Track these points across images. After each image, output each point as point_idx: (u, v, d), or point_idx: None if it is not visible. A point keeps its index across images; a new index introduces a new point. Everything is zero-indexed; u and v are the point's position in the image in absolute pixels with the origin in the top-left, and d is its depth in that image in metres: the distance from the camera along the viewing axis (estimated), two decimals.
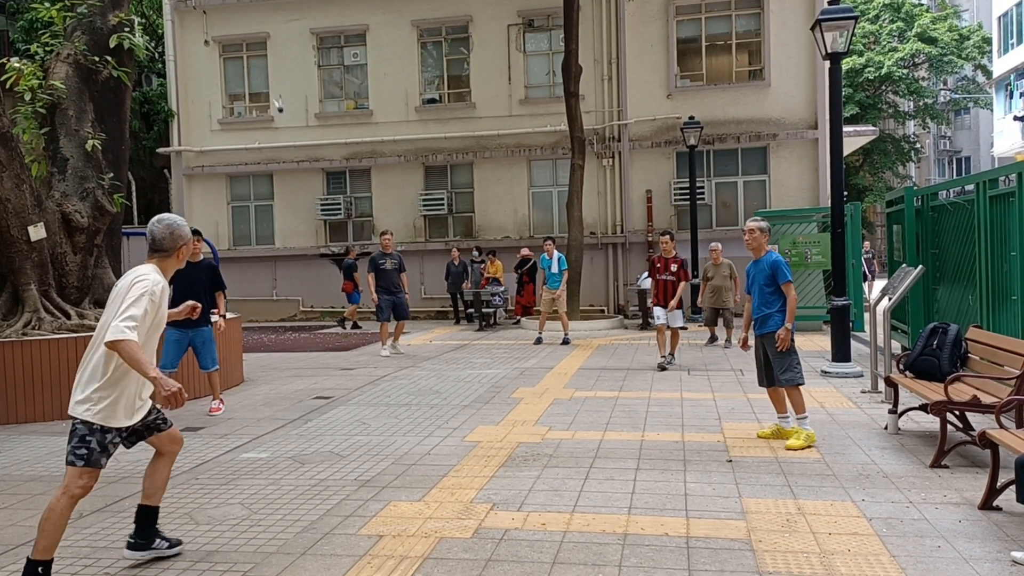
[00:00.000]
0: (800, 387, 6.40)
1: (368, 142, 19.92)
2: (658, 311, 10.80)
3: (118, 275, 10.25)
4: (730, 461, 5.93)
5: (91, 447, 3.85)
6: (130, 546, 4.24)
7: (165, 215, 4.21)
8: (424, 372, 10.77)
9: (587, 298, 17.99)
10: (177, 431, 4.34)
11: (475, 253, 18.19)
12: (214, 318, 8.40)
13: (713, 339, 13.10)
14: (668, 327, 10.73)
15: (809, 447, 6.21)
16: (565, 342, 13.62)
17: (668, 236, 10.94)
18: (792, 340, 6.38)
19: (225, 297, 8.65)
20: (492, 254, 18.03)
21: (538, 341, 13.84)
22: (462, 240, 19.42)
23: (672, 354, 10.81)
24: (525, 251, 17.72)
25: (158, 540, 4.27)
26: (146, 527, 4.25)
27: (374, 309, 12.71)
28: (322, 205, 19.94)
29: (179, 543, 4.36)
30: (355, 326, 17.52)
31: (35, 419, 8.10)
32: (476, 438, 6.86)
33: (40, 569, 3.80)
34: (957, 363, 6.45)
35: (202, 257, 8.58)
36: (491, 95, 19.38)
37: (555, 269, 13.93)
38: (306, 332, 17.00)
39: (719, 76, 18.75)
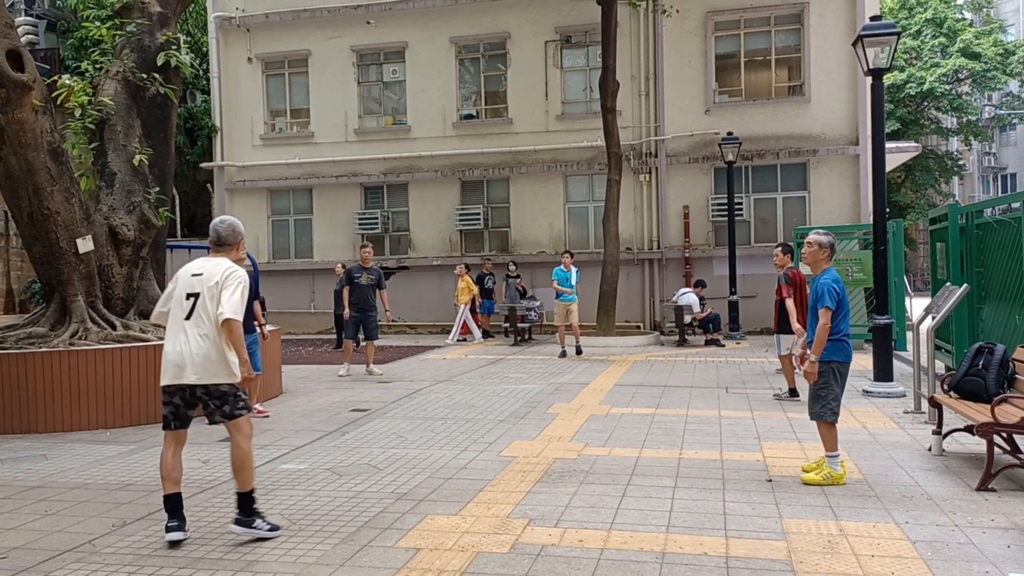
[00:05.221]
0: (831, 424, 5.72)
1: (406, 157, 20.12)
2: None
3: (162, 287, 10.46)
4: (770, 481, 5.85)
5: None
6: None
7: (226, 216, 5.14)
8: (459, 386, 10.80)
9: (623, 314, 17.92)
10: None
11: (511, 268, 18.23)
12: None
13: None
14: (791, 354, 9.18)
15: (831, 486, 5.66)
16: (578, 351, 14.18)
17: (779, 248, 9.74)
18: (835, 373, 5.73)
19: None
20: (467, 267, 17.88)
21: (563, 355, 14.15)
22: (498, 255, 19.48)
23: (792, 388, 9.23)
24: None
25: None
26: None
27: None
28: (360, 219, 20.15)
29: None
30: (486, 334, 18.20)
31: (80, 427, 8.26)
32: (512, 453, 6.86)
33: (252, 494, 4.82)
34: (1004, 384, 6.31)
35: None
36: (528, 111, 19.47)
37: (573, 281, 14.13)
38: None
39: (758, 92, 18.63)
